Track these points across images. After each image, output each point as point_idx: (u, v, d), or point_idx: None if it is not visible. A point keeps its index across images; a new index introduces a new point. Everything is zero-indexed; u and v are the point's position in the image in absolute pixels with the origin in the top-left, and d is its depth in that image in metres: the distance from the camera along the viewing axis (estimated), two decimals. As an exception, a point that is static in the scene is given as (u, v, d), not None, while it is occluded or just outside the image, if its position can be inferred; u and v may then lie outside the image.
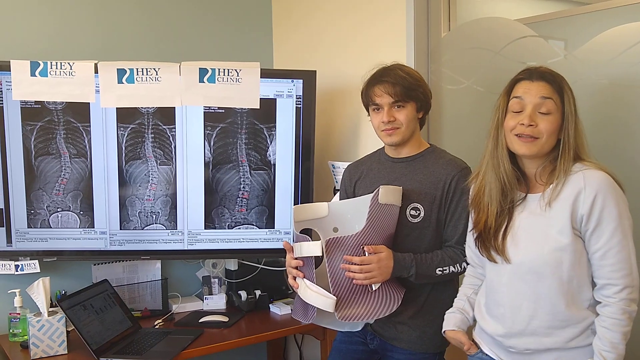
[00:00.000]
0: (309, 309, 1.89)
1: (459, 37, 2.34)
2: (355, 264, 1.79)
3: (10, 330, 2.37)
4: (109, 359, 2.14)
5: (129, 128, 2.47)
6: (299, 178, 2.59)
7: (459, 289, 1.85)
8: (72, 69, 2.39)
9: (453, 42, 2.35)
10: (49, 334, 2.17)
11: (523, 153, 1.54)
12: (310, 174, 2.60)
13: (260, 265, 2.79)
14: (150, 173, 2.51)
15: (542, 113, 1.51)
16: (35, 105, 2.41)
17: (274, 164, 2.57)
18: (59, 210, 2.47)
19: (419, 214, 1.88)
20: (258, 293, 2.72)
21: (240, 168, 2.56)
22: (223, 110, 2.51)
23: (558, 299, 1.50)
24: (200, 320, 2.53)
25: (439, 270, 1.85)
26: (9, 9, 2.52)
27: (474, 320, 1.76)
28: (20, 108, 2.40)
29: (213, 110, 2.50)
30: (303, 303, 1.89)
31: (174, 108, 2.48)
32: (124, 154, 2.48)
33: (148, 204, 2.52)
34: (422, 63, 2.36)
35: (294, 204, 2.56)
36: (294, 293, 2.69)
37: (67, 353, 2.20)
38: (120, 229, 2.52)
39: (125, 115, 2.46)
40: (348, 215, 1.96)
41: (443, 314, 1.86)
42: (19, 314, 2.35)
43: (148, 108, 2.47)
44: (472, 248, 1.74)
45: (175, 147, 2.51)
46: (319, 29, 2.85)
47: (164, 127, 2.49)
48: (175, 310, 2.68)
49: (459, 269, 1.86)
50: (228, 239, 2.59)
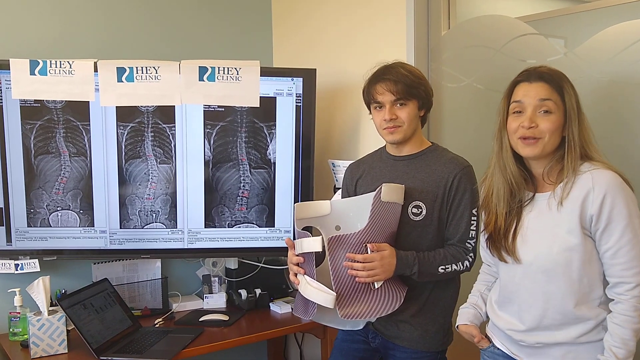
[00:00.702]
0: (310, 306, 1.88)
1: (459, 35, 2.34)
2: (358, 262, 1.79)
3: (11, 330, 2.37)
4: (110, 358, 2.14)
5: (129, 127, 2.47)
6: (299, 176, 2.59)
7: (474, 285, 1.86)
8: (71, 68, 2.39)
9: (453, 40, 2.35)
10: (49, 333, 2.17)
11: (527, 155, 1.55)
12: (311, 173, 2.60)
13: (261, 264, 2.79)
14: (150, 172, 2.50)
15: (542, 112, 1.52)
16: (35, 104, 2.40)
17: (274, 163, 2.57)
18: (59, 209, 2.46)
19: (421, 212, 1.88)
20: (258, 292, 2.72)
21: (240, 167, 2.55)
22: (223, 109, 2.51)
23: (569, 299, 1.51)
24: (201, 319, 2.52)
25: (442, 269, 1.85)
26: (9, 8, 2.51)
27: (487, 316, 1.77)
28: (20, 107, 2.39)
29: (213, 109, 2.50)
30: (304, 300, 1.89)
31: (174, 106, 2.48)
32: (124, 153, 2.48)
33: (148, 203, 2.52)
34: (422, 61, 2.36)
35: (294, 203, 2.55)
36: (294, 292, 2.70)
37: (67, 352, 2.19)
38: (120, 228, 2.51)
39: (125, 114, 2.46)
40: (350, 214, 1.96)
41: (445, 312, 1.86)
42: (19, 313, 2.35)
43: (148, 107, 2.47)
44: (484, 248, 1.75)
45: (175, 145, 2.50)
46: (319, 27, 2.85)
47: (164, 125, 2.49)
48: (176, 309, 2.68)
49: (461, 267, 1.87)
50: (228, 238, 2.59)
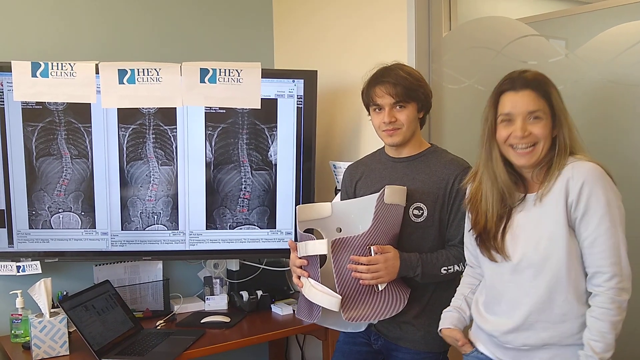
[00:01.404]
0: (314, 309, 1.88)
1: (460, 36, 2.34)
2: (362, 264, 1.79)
3: (12, 331, 2.37)
4: (111, 360, 2.15)
5: (130, 128, 2.47)
6: (300, 178, 2.59)
7: (457, 289, 1.85)
8: (73, 70, 2.39)
9: (454, 41, 2.35)
10: (51, 335, 2.17)
11: (523, 164, 1.55)
12: (312, 174, 2.60)
13: (262, 266, 2.79)
14: (152, 173, 2.51)
15: (532, 119, 1.52)
16: (37, 106, 2.40)
17: (275, 164, 2.57)
18: (60, 211, 2.46)
19: (422, 214, 1.88)
20: (260, 293, 2.72)
21: (242, 168, 2.56)
22: (224, 111, 2.51)
23: (557, 292, 1.51)
24: (202, 321, 2.52)
25: (444, 270, 1.85)
26: (10, 10, 2.52)
27: (471, 320, 1.76)
28: (22, 109, 2.40)
29: (214, 111, 2.50)
30: (308, 302, 1.89)
31: (175, 108, 2.48)
32: (125, 155, 2.48)
33: (149, 205, 2.52)
34: (423, 62, 2.36)
35: (296, 204, 2.56)
36: (296, 293, 2.70)
37: (68, 354, 2.19)
38: (122, 230, 2.51)
39: (127, 116, 2.46)
40: (352, 215, 1.96)
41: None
42: (21, 315, 2.35)
43: (149, 108, 2.47)
44: (470, 249, 1.76)
45: (177, 147, 2.50)
46: (320, 29, 2.85)
47: (165, 127, 2.49)
48: (177, 311, 2.68)
49: (463, 268, 1.87)
50: (229, 240, 2.59)
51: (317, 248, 1.83)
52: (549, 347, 1.53)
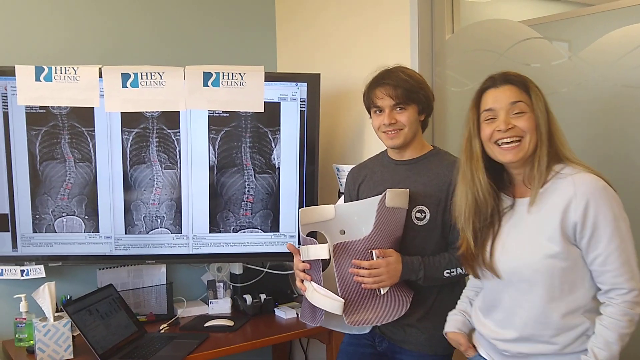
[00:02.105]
0: (317, 312, 1.88)
1: (463, 39, 2.34)
2: (364, 268, 1.78)
3: (16, 335, 2.37)
4: (115, 364, 2.14)
5: (134, 132, 2.48)
6: (304, 181, 2.59)
7: (463, 292, 1.84)
8: (76, 74, 2.40)
9: (457, 44, 2.35)
10: (55, 339, 2.17)
11: (510, 160, 1.51)
12: (315, 177, 2.60)
13: (265, 269, 2.79)
14: (155, 177, 2.51)
15: (515, 114, 1.50)
16: (40, 110, 2.41)
17: (279, 168, 2.57)
18: (64, 215, 2.47)
19: (425, 217, 1.88)
20: (263, 297, 2.71)
21: (245, 172, 2.56)
22: (227, 114, 2.51)
23: (551, 307, 1.48)
24: (206, 325, 2.52)
25: (447, 273, 1.84)
26: (14, 14, 2.52)
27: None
28: (25, 113, 2.40)
29: (217, 114, 2.51)
30: (311, 306, 1.89)
31: (179, 112, 2.48)
32: (129, 158, 2.48)
33: (153, 208, 2.52)
34: (426, 65, 2.36)
35: (299, 207, 2.55)
36: (300, 297, 2.69)
37: (73, 358, 2.19)
38: (125, 234, 2.52)
39: (130, 120, 2.47)
40: (355, 218, 1.96)
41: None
42: (25, 319, 2.35)
43: (152, 112, 2.47)
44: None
45: (180, 151, 2.51)
46: (323, 32, 2.86)
47: (169, 131, 2.49)
48: (181, 315, 2.68)
49: (466, 271, 1.86)
50: (233, 243, 2.59)
51: (318, 252, 1.82)
52: (546, 356, 1.52)
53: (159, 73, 2.44)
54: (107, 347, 2.20)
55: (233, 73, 2.48)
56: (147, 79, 2.44)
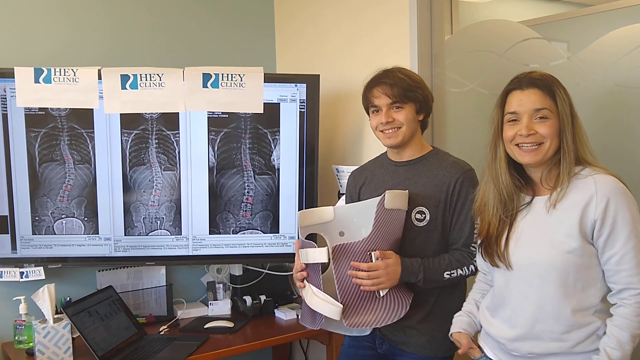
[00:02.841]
0: (317, 315, 1.88)
1: (463, 40, 2.34)
2: (363, 270, 1.78)
3: (16, 338, 2.37)
4: (115, 366, 2.14)
5: (133, 134, 2.48)
6: (303, 182, 2.59)
7: (469, 294, 1.84)
8: (75, 76, 2.40)
9: (456, 45, 2.35)
10: (55, 341, 2.17)
11: (528, 162, 1.54)
12: (315, 178, 2.59)
13: (265, 270, 2.78)
14: (155, 179, 2.51)
15: (538, 119, 1.51)
16: (39, 112, 2.41)
17: (278, 169, 2.57)
18: (64, 217, 2.47)
19: (425, 218, 1.87)
20: (263, 298, 2.71)
21: (245, 173, 2.55)
22: (227, 115, 2.51)
23: (563, 304, 1.49)
24: (206, 326, 2.52)
25: (447, 274, 1.84)
26: (13, 16, 2.52)
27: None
28: (24, 115, 2.40)
29: (217, 116, 2.50)
30: (310, 309, 1.88)
31: (178, 113, 2.48)
32: (128, 160, 2.48)
33: (152, 210, 2.52)
34: (425, 66, 2.36)
35: (299, 209, 2.55)
36: (299, 298, 2.69)
37: (72, 360, 2.20)
38: (125, 235, 2.51)
39: (129, 121, 2.46)
40: (354, 219, 1.96)
41: (452, 318, 1.85)
42: (24, 321, 2.35)
43: (152, 114, 2.47)
44: (480, 255, 1.74)
45: (179, 152, 2.51)
46: (322, 33, 2.86)
47: (168, 132, 2.49)
48: (180, 316, 2.68)
49: (467, 272, 1.86)
50: (233, 244, 2.59)
51: (317, 256, 1.82)
52: (556, 355, 1.52)
53: (158, 74, 2.44)
54: (106, 349, 2.20)
55: (232, 74, 2.48)
56: (146, 81, 2.44)
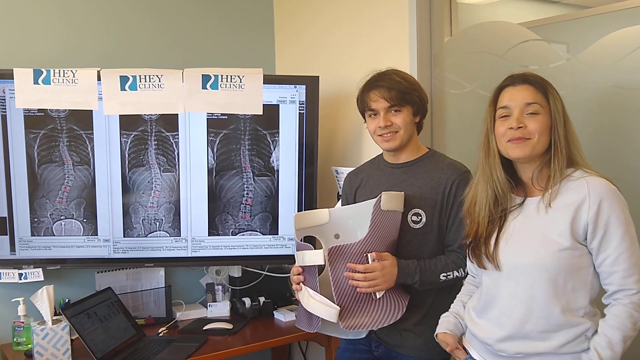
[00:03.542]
0: (313, 318, 1.87)
1: (462, 41, 2.34)
2: (359, 272, 1.78)
3: (15, 339, 2.37)
4: (113, 367, 2.14)
5: (132, 135, 2.47)
6: (303, 184, 2.59)
7: (457, 296, 1.84)
8: (75, 77, 2.40)
9: (456, 46, 2.35)
10: (53, 343, 2.16)
11: (517, 156, 1.54)
12: (314, 180, 2.59)
13: (264, 272, 2.78)
14: (154, 180, 2.51)
15: (529, 114, 1.52)
16: (39, 113, 2.41)
17: (278, 170, 2.57)
18: (62, 218, 2.46)
19: (421, 220, 1.87)
20: (262, 300, 2.71)
21: (244, 174, 2.55)
22: (226, 117, 2.51)
23: (552, 304, 1.48)
24: (205, 328, 2.52)
25: (443, 276, 1.84)
26: (12, 17, 2.52)
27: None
28: (24, 116, 2.40)
29: (216, 117, 2.50)
30: (307, 312, 1.87)
31: (177, 115, 2.48)
32: (127, 161, 2.48)
33: (151, 211, 2.52)
34: (425, 68, 2.36)
35: (298, 210, 2.55)
36: (299, 301, 2.69)
37: (71, 361, 2.19)
38: (124, 237, 2.51)
39: (128, 123, 2.46)
40: (349, 221, 1.96)
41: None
42: (23, 323, 2.34)
43: (151, 115, 2.47)
44: (469, 258, 1.73)
45: (179, 153, 2.50)
46: (322, 35, 2.86)
47: (167, 134, 2.49)
48: (179, 318, 2.68)
49: (463, 274, 1.85)
50: (232, 246, 2.58)
51: (313, 258, 1.81)
52: (544, 355, 1.51)
53: (158, 76, 2.44)
54: (105, 350, 2.20)
55: (232, 76, 2.48)
56: (145, 82, 2.44)
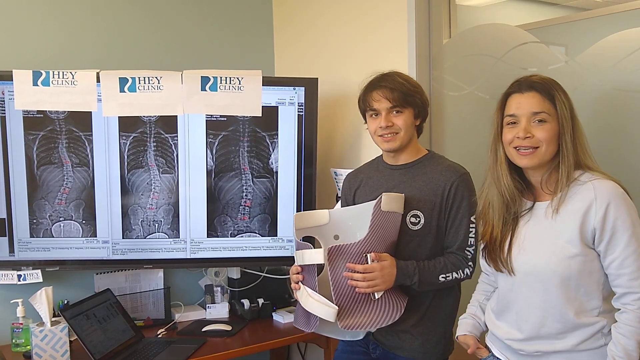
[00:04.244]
0: (311, 318, 1.87)
1: (461, 43, 2.34)
2: (358, 272, 1.78)
3: (13, 341, 2.37)
4: (112, 369, 2.14)
5: (131, 137, 2.48)
6: (302, 185, 2.59)
7: (473, 295, 1.85)
8: (74, 78, 2.40)
9: (455, 48, 2.35)
10: (52, 344, 2.16)
11: (525, 165, 1.55)
12: (313, 182, 2.59)
13: (263, 274, 2.78)
14: (153, 181, 2.51)
15: (537, 122, 1.52)
16: (38, 115, 2.41)
17: (276, 172, 2.57)
18: (61, 220, 2.46)
19: (419, 221, 1.87)
20: (261, 301, 2.71)
21: (243, 176, 2.55)
22: (225, 119, 2.51)
23: (567, 308, 1.50)
24: (203, 329, 2.52)
25: (442, 277, 1.84)
26: (11, 19, 2.52)
27: (486, 326, 1.76)
28: (23, 117, 2.40)
29: (215, 119, 2.51)
30: (305, 312, 1.88)
31: (176, 116, 2.48)
32: (126, 163, 2.48)
33: (150, 213, 2.52)
34: (423, 70, 2.36)
35: (297, 212, 2.55)
36: (297, 301, 2.69)
37: (69, 363, 2.19)
38: (123, 238, 2.51)
39: (128, 124, 2.47)
40: (349, 223, 1.96)
41: (446, 322, 1.85)
42: (22, 324, 2.34)
43: (150, 117, 2.47)
44: (483, 257, 1.74)
45: (178, 155, 2.51)
46: (321, 37, 2.86)
47: (166, 135, 2.49)
48: (178, 319, 2.68)
49: (462, 275, 1.86)
50: (231, 247, 2.58)
51: (313, 257, 1.82)
52: (562, 353, 1.53)
53: (157, 77, 2.44)
54: (104, 352, 2.20)
55: (231, 77, 2.48)
56: (144, 84, 2.44)
